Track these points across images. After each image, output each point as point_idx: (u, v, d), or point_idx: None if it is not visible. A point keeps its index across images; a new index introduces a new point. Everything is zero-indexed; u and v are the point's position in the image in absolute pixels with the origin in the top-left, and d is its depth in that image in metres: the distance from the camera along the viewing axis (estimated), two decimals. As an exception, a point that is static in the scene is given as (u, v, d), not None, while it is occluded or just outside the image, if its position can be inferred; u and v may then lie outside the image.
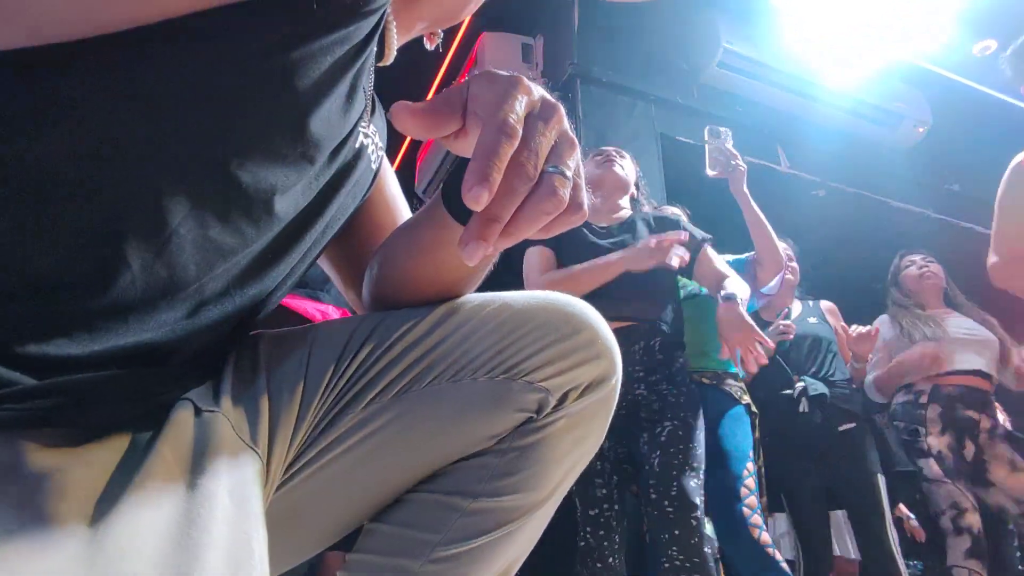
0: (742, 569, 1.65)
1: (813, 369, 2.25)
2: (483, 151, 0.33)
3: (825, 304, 2.49)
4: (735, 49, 3.14)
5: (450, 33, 3.54)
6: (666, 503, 1.39)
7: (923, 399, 2.33)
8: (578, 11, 3.06)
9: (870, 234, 3.56)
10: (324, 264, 0.71)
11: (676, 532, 1.37)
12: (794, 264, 2.38)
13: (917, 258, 2.57)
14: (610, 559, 1.44)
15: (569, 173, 0.36)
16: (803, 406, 2.14)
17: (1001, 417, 2.72)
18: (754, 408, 1.91)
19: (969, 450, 2.24)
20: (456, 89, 0.40)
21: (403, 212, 0.70)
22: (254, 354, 0.53)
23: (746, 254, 2.11)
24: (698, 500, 1.40)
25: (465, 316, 0.55)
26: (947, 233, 3.58)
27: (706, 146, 2.00)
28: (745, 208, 1.97)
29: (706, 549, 1.38)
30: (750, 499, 1.63)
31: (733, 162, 1.94)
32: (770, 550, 1.57)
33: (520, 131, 0.34)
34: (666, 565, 1.36)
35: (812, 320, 2.39)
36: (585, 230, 1.76)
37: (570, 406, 0.53)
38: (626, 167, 1.86)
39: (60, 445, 0.37)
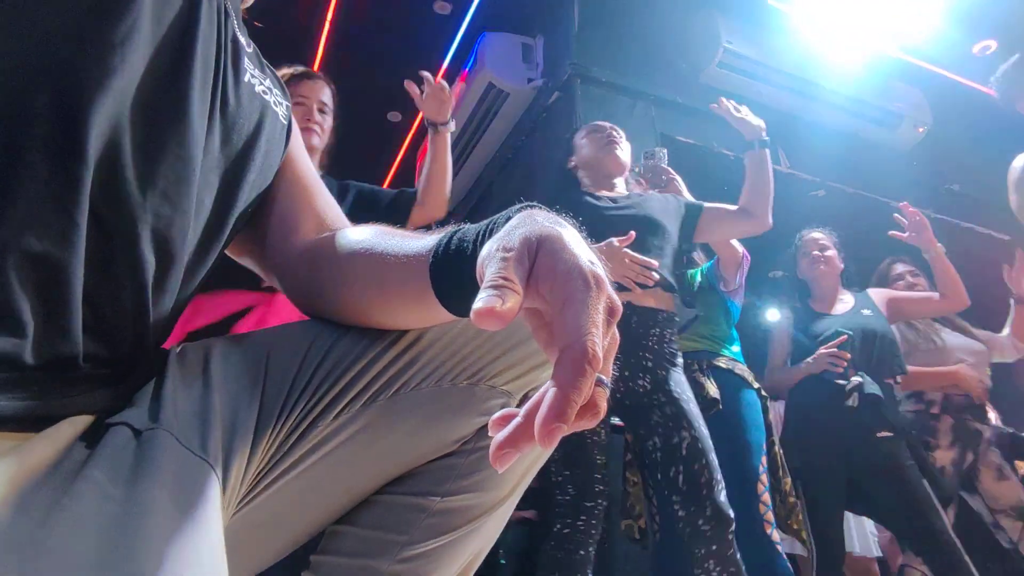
0: (750, 561, 1.71)
1: (865, 367, 2.10)
2: (569, 384, 0.30)
3: (875, 292, 2.33)
4: (735, 49, 3.14)
5: (450, 33, 3.54)
6: (701, 521, 1.39)
7: (934, 409, 2.30)
8: (578, 11, 3.06)
9: (870, 234, 3.56)
10: (241, 256, 0.66)
11: (714, 547, 1.38)
12: (831, 252, 2.31)
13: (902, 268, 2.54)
14: (590, 548, 1.48)
15: (608, 382, 0.34)
16: (853, 400, 2.01)
17: (992, 416, 2.74)
18: (764, 393, 1.95)
19: (968, 459, 2.23)
20: (522, 249, 0.36)
21: (319, 189, 0.66)
22: (204, 364, 0.51)
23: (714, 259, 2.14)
24: (731, 512, 1.41)
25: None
26: (947, 233, 3.58)
27: (642, 167, 2.16)
28: None
29: (739, 557, 1.39)
30: (765, 495, 1.73)
31: (665, 177, 2.10)
32: (779, 547, 1.67)
33: (601, 358, 0.32)
34: None
35: (866, 312, 2.21)
36: (590, 199, 1.75)
37: None
38: (625, 150, 1.87)
39: None
